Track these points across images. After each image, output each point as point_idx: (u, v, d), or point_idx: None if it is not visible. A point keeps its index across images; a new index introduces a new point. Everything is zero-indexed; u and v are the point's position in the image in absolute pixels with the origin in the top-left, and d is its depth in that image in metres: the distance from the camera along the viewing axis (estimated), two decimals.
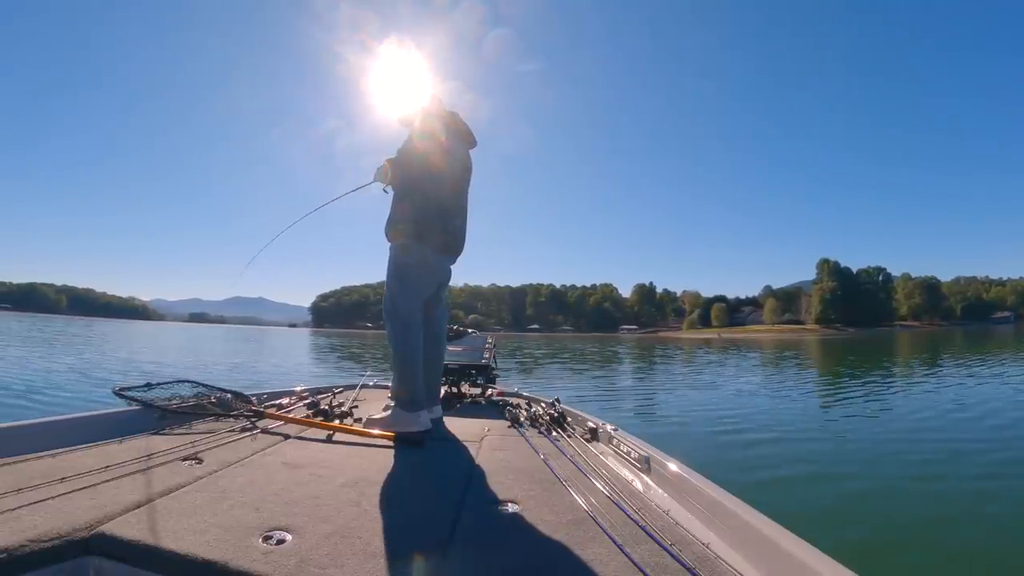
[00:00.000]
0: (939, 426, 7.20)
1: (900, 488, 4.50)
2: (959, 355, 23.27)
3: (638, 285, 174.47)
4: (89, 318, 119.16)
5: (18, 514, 1.22)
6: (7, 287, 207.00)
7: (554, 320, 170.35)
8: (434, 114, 2.70)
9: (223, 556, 1.11)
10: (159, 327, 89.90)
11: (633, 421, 7.98)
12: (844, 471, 5.08)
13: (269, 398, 2.99)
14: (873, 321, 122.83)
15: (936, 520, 3.80)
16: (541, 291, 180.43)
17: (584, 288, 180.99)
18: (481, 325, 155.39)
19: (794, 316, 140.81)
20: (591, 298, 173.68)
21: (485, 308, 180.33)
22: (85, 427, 2.01)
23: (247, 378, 13.49)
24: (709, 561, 1.16)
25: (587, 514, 1.42)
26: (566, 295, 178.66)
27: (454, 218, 2.75)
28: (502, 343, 25.03)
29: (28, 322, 55.28)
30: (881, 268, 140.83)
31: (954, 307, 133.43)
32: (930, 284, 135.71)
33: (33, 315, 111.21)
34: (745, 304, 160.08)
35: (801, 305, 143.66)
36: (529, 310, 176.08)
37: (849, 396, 11.14)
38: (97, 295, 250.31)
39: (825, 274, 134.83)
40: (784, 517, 1.23)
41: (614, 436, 2.22)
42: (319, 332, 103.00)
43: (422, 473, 1.85)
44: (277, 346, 35.16)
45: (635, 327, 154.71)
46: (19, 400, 7.96)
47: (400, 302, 2.59)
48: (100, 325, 64.72)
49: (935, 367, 17.51)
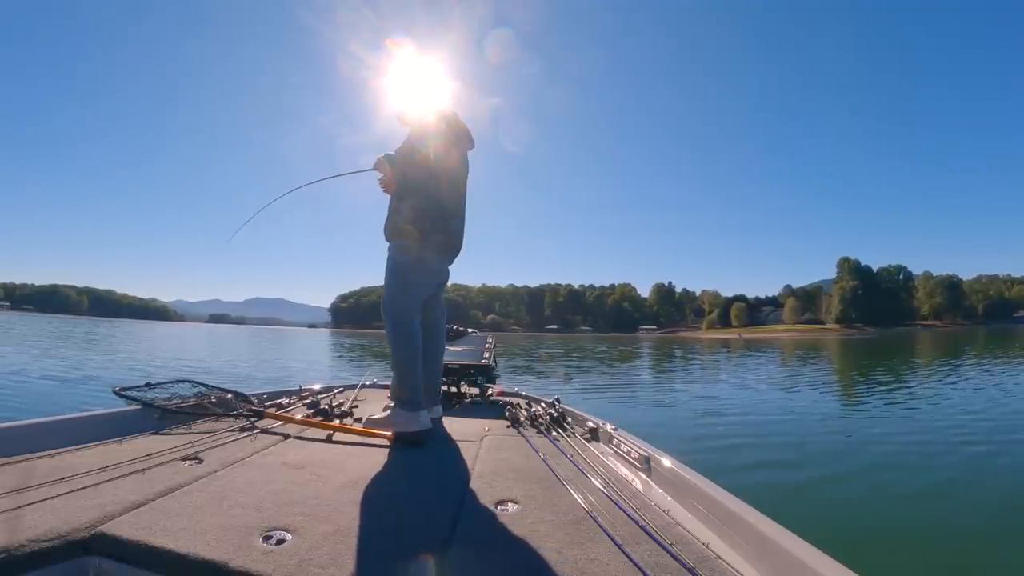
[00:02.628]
0: (950, 429, 7.05)
1: (903, 489, 4.47)
2: (981, 356, 22.92)
3: (657, 285, 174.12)
4: (112, 319, 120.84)
5: (18, 514, 1.23)
6: (30, 289, 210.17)
7: (572, 320, 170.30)
8: (436, 113, 2.69)
9: (223, 556, 1.11)
10: (183, 328, 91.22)
11: (634, 421, 7.70)
12: (846, 472, 5.06)
13: (269, 398, 3.02)
14: (894, 320, 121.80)
15: (939, 521, 3.79)
16: (559, 291, 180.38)
17: (602, 288, 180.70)
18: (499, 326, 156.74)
19: (814, 316, 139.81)
20: (609, 298, 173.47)
21: (503, 309, 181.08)
22: (85, 427, 2.03)
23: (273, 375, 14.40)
24: (709, 561, 1.16)
25: (587, 514, 1.42)
26: (584, 295, 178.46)
27: (453, 218, 2.74)
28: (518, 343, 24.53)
29: (57, 323, 56.68)
30: (902, 267, 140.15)
31: (976, 306, 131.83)
32: (951, 283, 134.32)
33: (57, 316, 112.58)
34: (765, 304, 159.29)
35: (821, 304, 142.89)
36: (547, 310, 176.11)
37: (862, 397, 11.14)
38: (118, 296, 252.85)
39: (845, 273, 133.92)
40: (784, 517, 1.23)
41: (614, 436, 2.23)
42: (338, 332, 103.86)
43: (422, 473, 1.86)
44: (297, 346, 35.91)
45: (654, 327, 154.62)
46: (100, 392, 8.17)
47: (399, 302, 2.58)
48: (126, 326, 65.83)
49: (956, 368, 17.21)
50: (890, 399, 10.40)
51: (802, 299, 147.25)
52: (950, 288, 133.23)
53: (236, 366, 16.83)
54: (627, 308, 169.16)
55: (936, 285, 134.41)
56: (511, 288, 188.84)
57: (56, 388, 9.30)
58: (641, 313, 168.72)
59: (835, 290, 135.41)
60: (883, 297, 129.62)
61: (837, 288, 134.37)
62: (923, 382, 13.61)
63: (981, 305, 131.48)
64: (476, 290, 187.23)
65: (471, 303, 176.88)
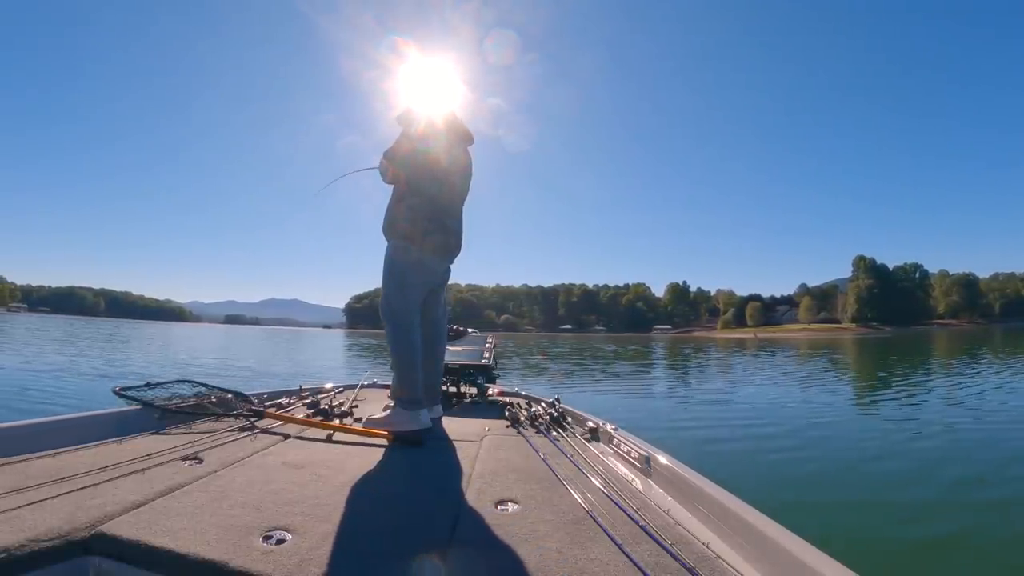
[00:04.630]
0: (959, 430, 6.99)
1: (904, 489, 4.46)
2: (998, 355, 22.76)
3: (671, 284, 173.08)
4: (131, 320, 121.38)
5: (18, 514, 1.23)
6: (47, 291, 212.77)
7: (586, 320, 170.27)
8: (433, 113, 2.70)
9: (223, 556, 1.11)
10: (200, 329, 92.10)
11: (634, 421, 7.65)
12: (848, 471, 5.05)
13: (269, 398, 3.02)
14: (910, 319, 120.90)
15: (940, 521, 3.77)
16: (573, 291, 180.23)
17: (616, 288, 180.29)
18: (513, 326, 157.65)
19: (830, 315, 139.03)
20: (624, 298, 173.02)
21: (517, 309, 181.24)
22: (85, 427, 2.03)
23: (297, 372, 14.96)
24: (709, 561, 1.15)
25: (587, 514, 1.41)
26: (598, 295, 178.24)
27: (451, 218, 2.74)
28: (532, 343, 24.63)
29: (79, 324, 57.64)
30: (918, 265, 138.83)
31: (992, 304, 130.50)
32: (968, 281, 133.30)
33: (75, 318, 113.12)
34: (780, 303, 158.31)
35: (837, 303, 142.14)
36: (561, 310, 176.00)
37: (873, 397, 11.12)
38: (135, 298, 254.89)
39: (861, 271, 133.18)
40: (785, 517, 1.23)
41: (614, 436, 2.22)
42: (353, 333, 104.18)
43: (422, 473, 1.86)
44: (315, 346, 36.45)
45: (668, 327, 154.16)
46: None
47: (396, 302, 2.58)
48: (147, 327, 66.67)
49: (971, 369, 16.96)
50: (899, 398, 10.39)
51: (817, 298, 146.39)
52: (966, 286, 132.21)
53: (271, 365, 17.76)
54: (641, 308, 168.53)
55: (952, 283, 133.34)
56: (525, 288, 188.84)
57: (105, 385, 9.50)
58: (655, 313, 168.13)
59: (851, 289, 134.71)
60: (899, 296, 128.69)
61: (853, 287, 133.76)
62: (938, 381, 13.59)
63: (998, 304, 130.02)
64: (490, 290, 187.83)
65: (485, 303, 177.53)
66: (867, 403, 10.27)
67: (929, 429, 7.16)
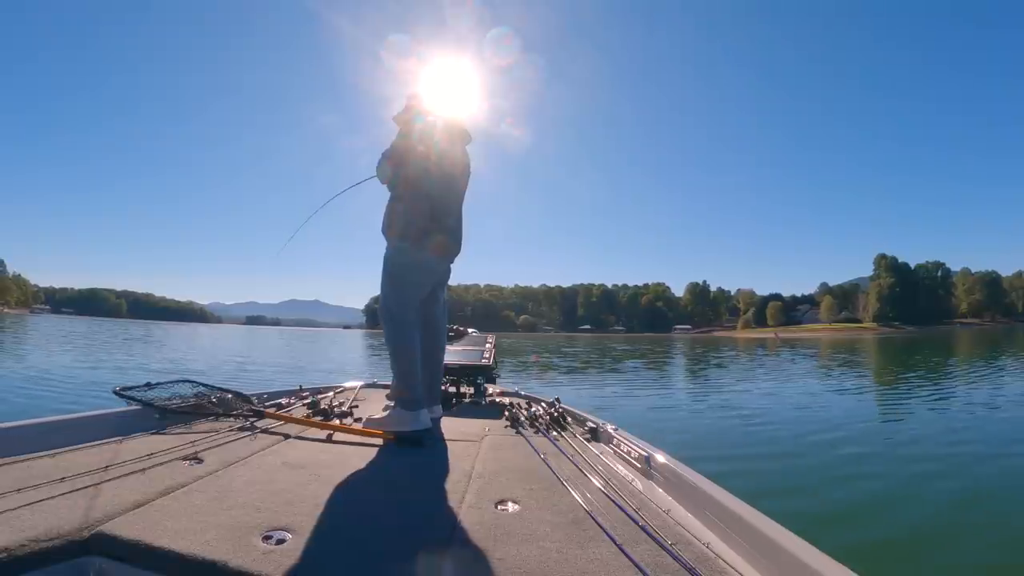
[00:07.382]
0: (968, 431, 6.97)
1: (905, 490, 4.46)
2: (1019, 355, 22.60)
3: (691, 284, 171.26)
4: (157, 322, 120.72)
5: (18, 514, 1.23)
6: (70, 293, 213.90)
7: (606, 320, 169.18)
8: (431, 113, 2.69)
9: (223, 556, 1.11)
10: (224, 330, 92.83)
11: (634, 421, 7.67)
12: (849, 472, 5.03)
13: (269, 398, 3.03)
14: (932, 318, 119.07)
15: (940, 522, 3.77)
16: (592, 291, 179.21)
17: (636, 288, 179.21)
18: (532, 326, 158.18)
19: (851, 314, 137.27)
20: (643, 298, 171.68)
21: (536, 309, 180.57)
22: (85, 427, 2.03)
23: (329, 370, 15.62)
24: (709, 561, 1.15)
25: (587, 514, 1.41)
26: (617, 295, 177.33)
27: (451, 217, 2.73)
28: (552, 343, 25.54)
29: (108, 326, 58.63)
30: (940, 263, 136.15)
31: (1016, 303, 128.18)
32: (991, 279, 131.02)
33: (99, 319, 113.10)
34: (801, 302, 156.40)
35: (858, 302, 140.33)
36: (580, 310, 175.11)
37: (881, 397, 11.12)
38: (156, 299, 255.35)
39: (883, 270, 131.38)
40: (785, 517, 1.22)
41: (614, 436, 2.22)
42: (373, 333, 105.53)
43: (422, 473, 1.87)
44: (336, 346, 37.20)
45: (688, 327, 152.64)
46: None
47: (394, 303, 2.58)
48: (173, 328, 67.92)
49: (992, 369, 16.90)
50: (915, 399, 10.32)
51: (839, 297, 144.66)
52: (989, 285, 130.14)
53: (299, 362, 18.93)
54: (661, 308, 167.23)
55: (975, 282, 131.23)
56: (544, 288, 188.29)
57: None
58: (675, 313, 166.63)
59: (872, 288, 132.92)
60: (921, 295, 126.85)
61: (874, 286, 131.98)
62: (957, 382, 13.51)
63: (1022, 302, 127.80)
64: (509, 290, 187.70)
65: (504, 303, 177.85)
66: (886, 404, 10.33)
67: (935, 428, 7.21)
